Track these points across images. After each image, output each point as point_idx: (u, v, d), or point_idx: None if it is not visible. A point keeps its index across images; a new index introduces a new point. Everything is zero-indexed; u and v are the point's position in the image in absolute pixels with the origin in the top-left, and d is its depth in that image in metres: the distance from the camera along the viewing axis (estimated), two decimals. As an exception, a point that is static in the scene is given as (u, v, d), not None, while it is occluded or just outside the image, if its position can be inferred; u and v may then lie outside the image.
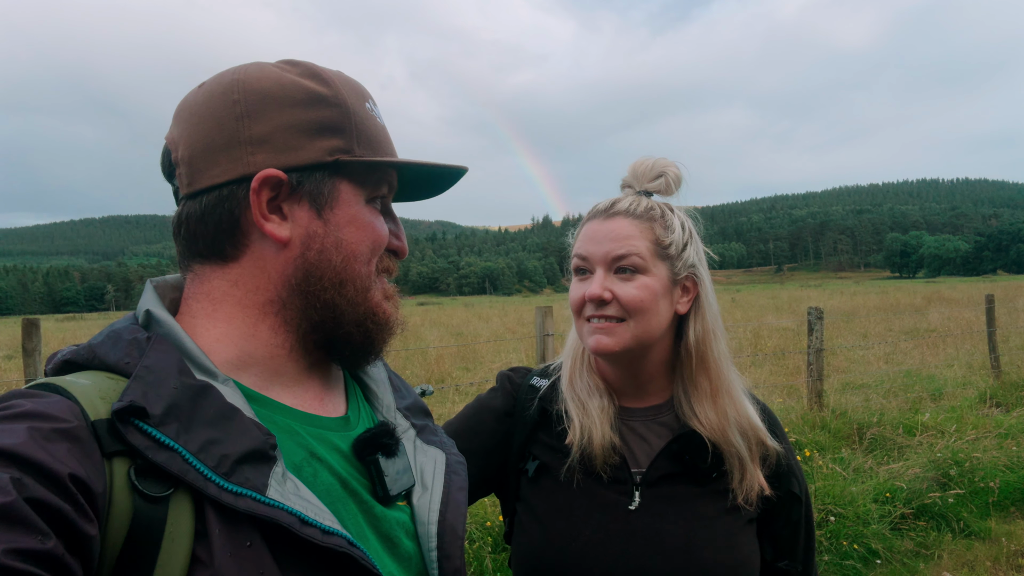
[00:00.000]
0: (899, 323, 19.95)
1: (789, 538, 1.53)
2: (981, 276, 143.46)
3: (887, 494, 5.44)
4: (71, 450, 0.71)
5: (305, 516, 0.81)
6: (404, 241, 1.09)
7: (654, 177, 1.51)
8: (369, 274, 1.00)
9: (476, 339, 19.93)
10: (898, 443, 6.79)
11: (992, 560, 4.87)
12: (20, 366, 14.61)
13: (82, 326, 44.19)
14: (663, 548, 1.38)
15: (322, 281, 0.95)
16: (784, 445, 1.52)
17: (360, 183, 0.98)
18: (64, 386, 0.79)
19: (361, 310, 1.00)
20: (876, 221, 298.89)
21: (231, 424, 0.83)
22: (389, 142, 1.05)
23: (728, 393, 1.46)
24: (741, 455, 1.42)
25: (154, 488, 0.76)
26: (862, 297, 38.18)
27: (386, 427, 1.03)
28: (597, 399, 1.48)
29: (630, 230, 1.43)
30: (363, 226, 0.99)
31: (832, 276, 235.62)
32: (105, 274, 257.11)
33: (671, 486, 1.44)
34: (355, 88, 1.01)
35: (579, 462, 1.45)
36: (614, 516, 1.42)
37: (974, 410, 8.30)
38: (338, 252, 0.96)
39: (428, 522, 1.02)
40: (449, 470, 1.11)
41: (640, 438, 1.49)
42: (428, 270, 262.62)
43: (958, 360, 12.25)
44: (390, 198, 1.08)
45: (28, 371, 4.73)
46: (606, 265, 1.42)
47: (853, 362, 13.15)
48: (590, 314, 1.44)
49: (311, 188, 0.94)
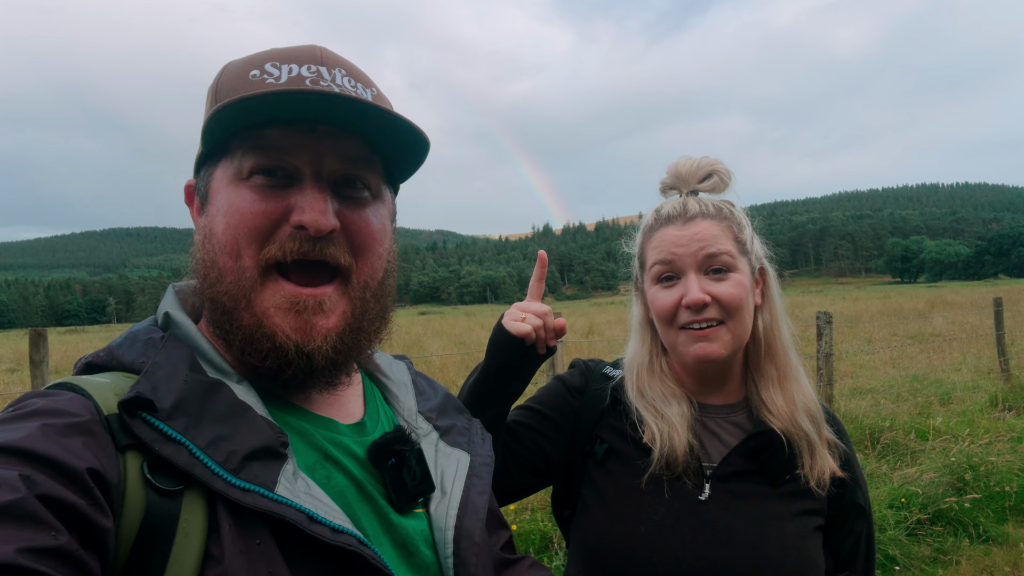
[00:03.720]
0: (903, 328, 19.91)
1: (851, 550, 1.50)
2: (983, 280, 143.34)
3: (902, 499, 5.38)
4: (86, 443, 0.71)
5: (314, 513, 0.80)
6: (307, 212, 0.88)
7: (703, 177, 1.50)
8: (243, 270, 0.89)
9: (479, 348, 19.88)
10: (911, 448, 6.73)
11: (1011, 565, 4.80)
12: (23, 379, 14.61)
13: (84, 339, 44.21)
14: (731, 541, 1.36)
15: (204, 276, 0.92)
16: (850, 450, 1.51)
17: (231, 161, 0.91)
18: (79, 384, 0.80)
19: (235, 318, 0.89)
20: (877, 226, 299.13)
21: (241, 421, 0.83)
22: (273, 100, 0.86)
23: (796, 379, 1.47)
24: (811, 438, 1.41)
25: (167, 482, 0.76)
26: (864, 302, 38.13)
27: (401, 433, 1.01)
28: (675, 405, 1.46)
29: (714, 231, 1.42)
30: (227, 210, 0.89)
31: (833, 282, 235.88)
32: (106, 286, 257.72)
33: (743, 483, 1.42)
34: (244, 62, 0.94)
35: (664, 467, 1.42)
36: (684, 505, 1.41)
37: (985, 414, 8.25)
38: (210, 243, 0.92)
39: (445, 528, 0.99)
40: (472, 473, 1.07)
41: (712, 434, 1.48)
42: (429, 279, 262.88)
43: (965, 364, 12.20)
44: (300, 163, 0.90)
45: (35, 382, 4.72)
46: (697, 266, 1.40)
47: (860, 367, 13.09)
48: (687, 320, 1.40)
49: (198, 187, 0.98)
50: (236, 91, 0.89)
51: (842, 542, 1.49)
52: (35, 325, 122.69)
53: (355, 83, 0.94)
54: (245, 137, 0.89)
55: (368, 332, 0.98)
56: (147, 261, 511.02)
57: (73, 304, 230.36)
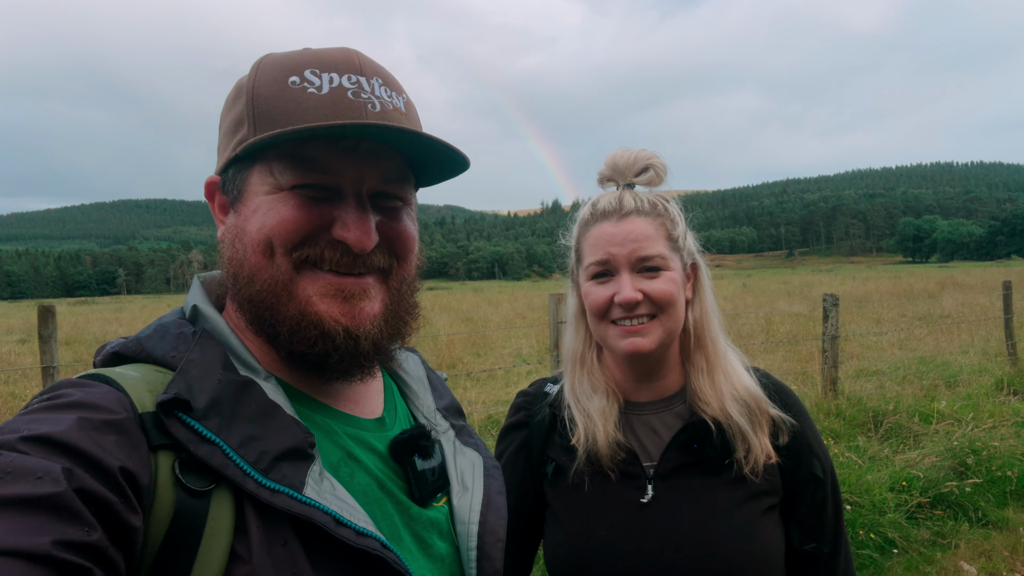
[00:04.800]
0: (913, 309, 19.82)
1: (816, 521, 1.51)
2: (995, 261, 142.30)
3: (903, 483, 5.40)
4: (120, 442, 0.72)
5: (340, 516, 0.81)
6: (351, 231, 0.90)
7: (640, 171, 1.51)
8: (278, 267, 0.90)
9: (487, 325, 19.96)
10: (914, 431, 6.74)
11: (1010, 550, 4.83)
12: (34, 350, 14.74)
13: (94, 310, 44.56)
14: (678, 542, 1.37)
15: (233, 277, 0.94)
16: (801, 422, 1.51)
17: (269, 170, 0.91)
18: (114, 377, 0.81)
19: (277, 310, 0.90)
20: (889, 205, 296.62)
21: (272, 421, 0.84)
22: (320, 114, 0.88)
23: (724, 370, 1.48)
24: (742, 427, 1.42)
25: (197, 482, 0.77)
26: (875, 282, 37.96)
27: (422, 429, 1.04)
28: (597, 400, 1.49)
29: (648, 229, 1.43)
30: (262, 214, 0.90)
31: (844, 261, 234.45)
32: (116, 258, 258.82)
33: (685, 477, 1.43)
34: (281, 65, 0.93)
35: (586, 463, 1.46)
36: (627, 512, 1.42)
37: (991, 398, 8.23)
38: (240, 242, 0.92)
39: (469, 522, 1.03)
40: (487, 474, 1.11)
41: (651, 431, 1.50)
42: (437, 255, 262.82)
43: (973, 347, 12.16)
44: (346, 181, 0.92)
45: (44, 357, 4.77)
46: (631, 266, 1.42)
47: (867, 348, 13.07)
48: (618, 316, 1.43)
49: (228, 186, 0.96)
50: (278, 99, 0.89)
51: (806, 514, 1.50)
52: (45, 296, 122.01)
53: (391, 93, 0.94)
54: (284, 149, 0.89)
55: (405, 321, 1.01)
56: (156, 233, 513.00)
57: (83, 275, 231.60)
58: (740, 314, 18.14)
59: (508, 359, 13.31)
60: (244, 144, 0.89)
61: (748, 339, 13.97)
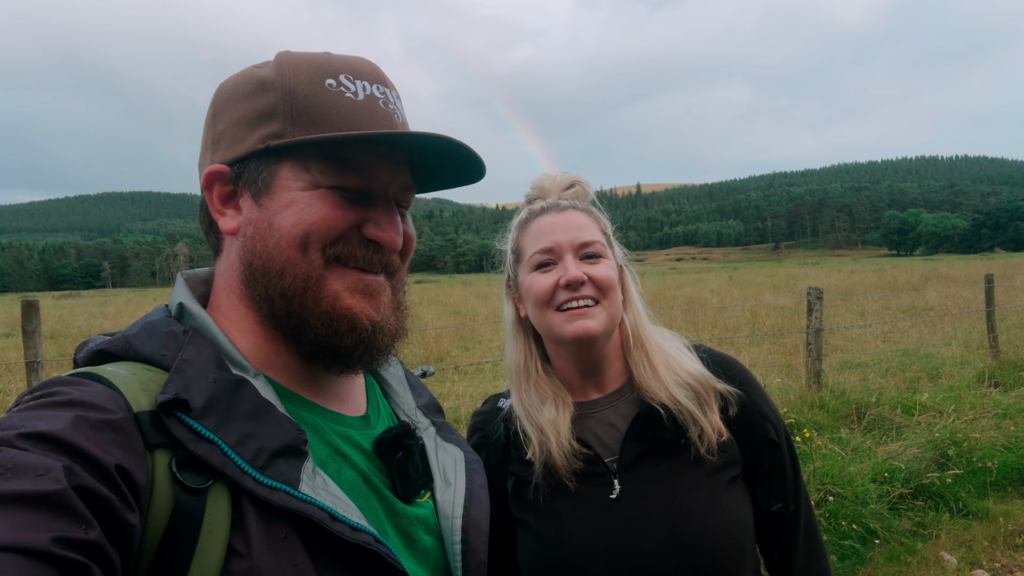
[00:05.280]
0: (897, 302, 20.00)
1: (778, 482, 1.55)
2: (979, 254, 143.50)
3: (885, 474, 5.46)
4: (117, 441, 0.73)
5: (335, 512, 0.83)
6: (387, 231, 0.96)
7: (567, 186, 1.59)
8: (311, 262, 0.92)
9: (475, 318, 19.94)
10: (896, 423, 6.80)
11: (990, 540, 4.90)
12: (18, 344, 14.58)
13: (80, 303, 44.18)
14: (650, 529, 1.39)
15: (256, 270, 0.93)
16: (747, 389, 1.54)
17: (304, 167, 0.92)
18: (107, 376, 0.81)
19: (305, 304, 0.92)
20: (874, 198, 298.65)
21: (266, 418, 0.85)
22: (357, 119, 0.93)
23: (664, 361, 1.51)
24: (692, 411, 1.45)
25: (194, 480, 0.78)
26: (860, 275, 38.24)
27: (406, 427, 1.05)
28: (547, 410, 1.50)
29: (586, 220, 1.50)
30: (299, 209, 0.92)
31: (830, 254, 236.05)
32: (101, 251, 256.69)
33: (648, 466, 1.46)
34: (316, 66, 0.95)
35: (544, 476, 1.48)
36: (598, 509, 1.44)
37: (972, 390, 8.32)
38: (269, 235, 0.92)
39: (452, 516, 1.05)
40: (469, 468, 1.13)
41: (609, 425, 1.51)
42: (425, 248, 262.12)
43: (956, 339, 12.29)
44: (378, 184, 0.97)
45: (28, 352, 4.73)
46: (574, 251, 1.47)
47: (851, 341, 13.19)
48: (564, 299, 1.45)
49: (248, 177, 0.95)
50: (317, 99, 0.92)
51: (768, 477, 1.54)
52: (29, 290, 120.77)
53: (401, 105, 1.02)
54: (324, 149, 0.92)
55: (406, 317, 1.06)
56: (141, 226, 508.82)
57: (68, 268, 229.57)
58: (726, 307, 18.24)
59: (496, 352, 13.31)
60: (283, 140, 0.91)
61: (734, 332, 14.06)
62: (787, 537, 1.57)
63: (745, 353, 11.36)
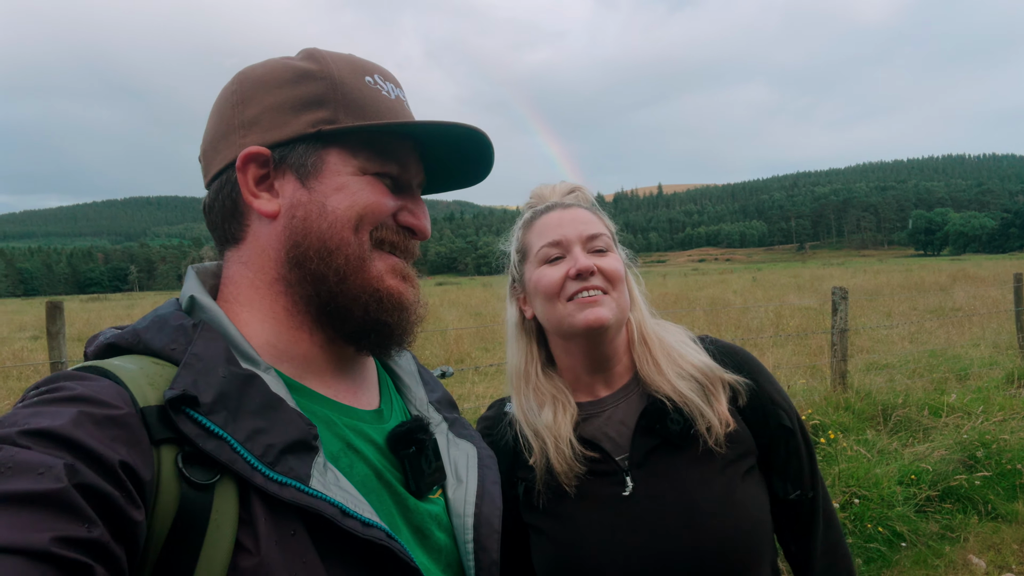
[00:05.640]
0: (924, 302, 19.70)
1: (795, 469, 1.55)
2: (1008, 254, 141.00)
3: (912, 476, 5.38)
4: (121, 437, 0.72)
5: (346, 507, 0.82)
6: (422, 220, 1.04)
7: (568, 192, 1.63)
8: (361, 243, 0.97)
9: (495, 319, 19.94)
10: (923, 424, 6.70)
11: (1019, 543, 4.81)
12: (44, 346, 14.87)
13: (107, 306, 44.84)
14: (665, 526, 1.38)
15: (308, 249, 0.95)
16: (756, 378, 1.53)
17: (352, 153, 0.97)
18: (113, 370, 0.80)
19: (356, 282, 0.96)
20: (900, 198, 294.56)
21: (276, 414, 0.84)
22: (395, 115, 1.01)
23: (667, 355, 1.52)
24: (698, 404, 1.45)
25: (201, 476, 0.77)
26: (886, 275, 37.71)
27: (420, 422, 1.05)
28: (545, 415, 1.50)
29: (591, 216, 1.54)
30: (352, 193, 0.96)
31: (855, 254, 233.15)
32: (128, 255, 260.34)
33: (660, 461, 1.44)
34: (353, 63, 1.01)
35: (548, 482, 1.48)
36: (611, 508, 1.43)
37: (1001, 391, 8.16)
38: (322, 217, 0.95)
39: (464, 514, 1.04)
40: (482, 464, 1.12)
41: (619, 423, 1.50)
42: (446, 250, 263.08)
43: (984, 340, 12.07)
44: (410, 176, 1.04)
45: (52, 353, 4.80)
46: (582, 243, 1.49)
47: (877, 342, 13.01)
48: (574, 290, 1.45)
49: (295, 160, 0.96)
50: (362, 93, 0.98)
51: (785, 464, 1.53)
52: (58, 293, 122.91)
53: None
54: (369, 138, 0.98)
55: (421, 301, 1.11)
56: (167, 230, 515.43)
57: (95, 272, 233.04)
58: (749, 308, 18.08)
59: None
60: (336, 126, 0.95)
61: (757, 333, 13.93)
62: (806, 525, 1.57)
63: (769, 354, 11.25)
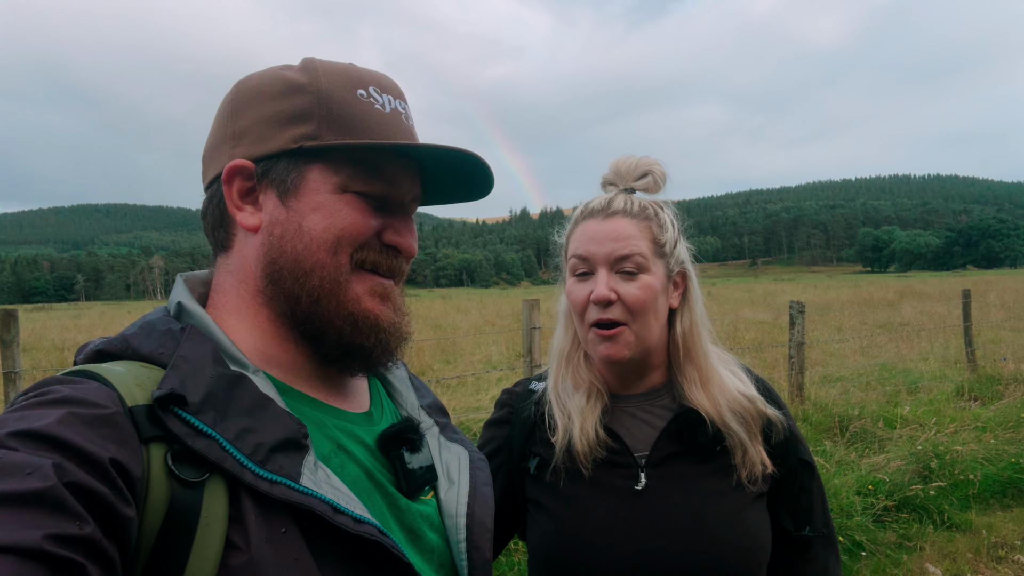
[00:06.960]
0: (873, 317, 20.25)
1: (808, 505, 1.53)
2: (952, 271, 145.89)
3: (870, 486, 5.49)
4: (110, 435, 0.72)
5: (337, 504, 0.83)
6: (407, 238, 1.01)
7: (640, 176, 1.52)
8: (339, 265, 0.95)
9: (455, 332, 19.89)
10: (879, 436, 6.86)
11: (973, 552, 4.93)
12: (-10, 357, 14.18)
13: (52, 316, 43.51)
14: (670, 528, 1.38)
15: (282, 269, 0.94)
16: (784, 412, 1.53)
17: (335, 170, 0.95)
18: (100, 372, 0.80)
19: (330, 305, 0.95)
20: (849, 216, 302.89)
21: (265, 413, 0.85)
22: (386, 130, 0.97)
23: (717, 383, 1.48)
24: (741, 437, 1.44)
25: (190, 473, 0.77)
26: (835, 291, 38.70)
27: (411, 423, 1.05)
28: (578, 398, 1.50)
29: (631, 230, 1.44)
30: (330, 213, 0.94)
31: (805, 270, 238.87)
32: (75, 263, 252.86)
33: (677, 466, 1.44)
34: (347, 75, 0.98)
35: (564, 460, 1.47)
36: (620, 499, 1.43)
37: (952, 403, 8.43)
38: (298, 237, 0.94)
39: (456, 515, 1.04)
40: (473, 466, 1.13)
41: (641, 422, 1.50)
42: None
43: (933, 354, 12.45)
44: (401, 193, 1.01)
45: (6, 363, 4.66)
46: (609, 265, 1.43)
47: (830, 355, 13.31)
48: (594, 318, 1.44)
49: (276, 176, 0.95)
50: (351, 108, 0.95)
51: (797, 499, 1.51)
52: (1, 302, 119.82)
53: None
54: (356, 155, 0.95)
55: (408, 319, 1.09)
56: (116, 238, 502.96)
57: (41, 281, 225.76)
58: (707, 322, 18.30)
59: (478, 365, 13.26)
60: (318, 142, 0.93)
61: (715, 346, 14.10)
62: (817, 563, 1.54)
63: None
